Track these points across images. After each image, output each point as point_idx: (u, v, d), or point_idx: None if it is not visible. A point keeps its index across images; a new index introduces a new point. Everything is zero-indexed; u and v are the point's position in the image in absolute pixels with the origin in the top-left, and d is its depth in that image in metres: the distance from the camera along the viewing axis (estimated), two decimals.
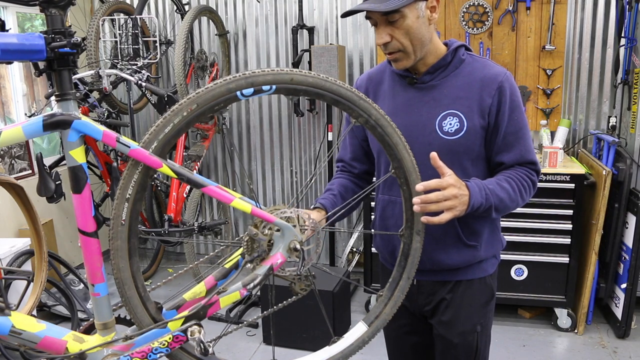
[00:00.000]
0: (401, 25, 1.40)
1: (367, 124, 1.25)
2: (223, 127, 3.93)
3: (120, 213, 1.07)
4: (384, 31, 1.42)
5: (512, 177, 1.47)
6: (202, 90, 1.08)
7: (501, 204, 1.42)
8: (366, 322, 1.38)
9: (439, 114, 1.49)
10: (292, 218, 1.23)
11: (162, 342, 1.12)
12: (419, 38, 1.43)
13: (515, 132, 1.48)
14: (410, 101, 1.53)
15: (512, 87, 1.48)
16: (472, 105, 1.47)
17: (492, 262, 1.62)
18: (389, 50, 1.45)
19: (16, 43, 1.01)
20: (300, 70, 1.15)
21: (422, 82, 1.52)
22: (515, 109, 1.47)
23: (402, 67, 1.49)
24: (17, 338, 1.11)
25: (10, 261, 2.85)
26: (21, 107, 3.63)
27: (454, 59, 1.50)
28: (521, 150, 1.49)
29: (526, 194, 1.48)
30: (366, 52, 3.76)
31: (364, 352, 1.41)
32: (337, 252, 3.90)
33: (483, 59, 1.54)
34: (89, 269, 1.14)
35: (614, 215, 3.09)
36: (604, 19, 3.37)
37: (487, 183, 1.42)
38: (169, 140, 1.08)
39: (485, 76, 1.48)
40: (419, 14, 1.41)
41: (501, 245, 1.64)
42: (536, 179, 1.51)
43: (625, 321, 3.05)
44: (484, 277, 1.59)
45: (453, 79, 1.50)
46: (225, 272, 1.33)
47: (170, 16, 4.09)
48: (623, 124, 3.41)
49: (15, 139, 1.05)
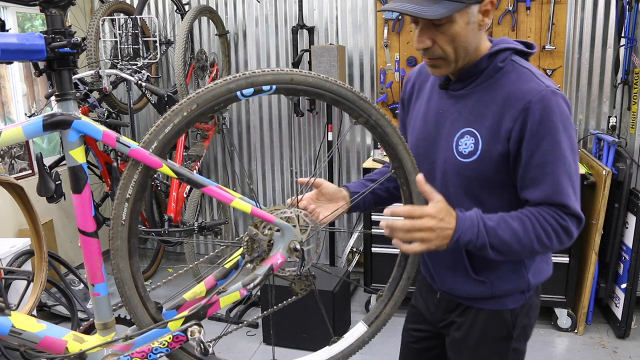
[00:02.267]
0: (447, 31, 1.21)
1: (367, 124, 1.25)
2: (223, 127, 3.93)
3: (120, 213, 1.08)
4: (425, 35, 1.23)
5: (529, 216, 1.22)
6: (202, 90, 1.08)
7: (503, 246, 1.20)
8: (366, 322, 1.38)
9: (458, 131, 1.30)
10: (292, 218, 1.23)
11: (162, 342, 1.12)
12: (465, 46, 1.24)
13: (542, 166, 1.21)
14: (440, 109, 1.36)
15: (546, 110, 1.19)
16: (491, 127, 1.25)
17: (516, 297, 1.38)
18: (429, 56, 1.27)
19: (16, 43, 1.01)
20: (301, 71, 1.15)
21: (452, 89, 1.33)
22: (545, 138, 1.19)
23: (440, 74, 1.32)
24: (17, 338, 1.11)
25: (10, 261, 2.85)
26: (21, 107, 3.62)
27: (489, 66, 1.27)
28: (549, 188, 1.21)
29: (549, 240, 1.21)
30: (366, 52, 3.76)
31: (363, 352, 1.41)
32: (337, 252, 3.90)
33: (524, 70, 1.26)
34: (89, 269, 1.14)
35: (614, 215, 3.09)
36: (604, 19, 3.36)
37: (489, 218, 1.21)
38: (169, 140, 1.08)
39: (512, 93, 1.23)
40: (470, 20, 1.21)
41: (530, 282, 1.37)
42: (569, 224, 1.21)
43: (625, 321, 3.05)
44: (499, 310, 1.38)
45: (483, 90, 1.28)
46: (225, 272, 1.33)
47: (170, 16, 4.09)
48: (623, 124, 3.41)
49: (15, 139, 1.05)
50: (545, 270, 1.42)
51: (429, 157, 1.38)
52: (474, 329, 1.41)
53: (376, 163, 3.26)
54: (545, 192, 1.21)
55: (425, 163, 1.37)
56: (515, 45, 1.29)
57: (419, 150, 1.39)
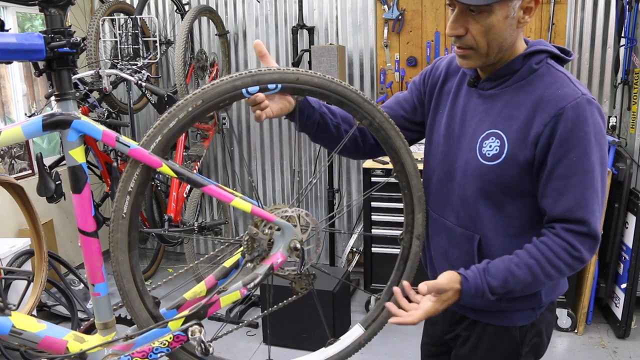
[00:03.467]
0: (483, 21, 1.14)
1: (370, 126, 1.25)
2: (223, 127, 3.93)
3: (122, 206, 1.07)
4: (460, 21, 1.17)
5: (538, 257, 1.16)
6: (207, 86, 1.08)
7: (513, 294, 1.19)
8: (363, 325, 1.37)
9: (484, 132, 1.23)
10: (293, 217, 1.23)
11: (162, 342, 1.12)
12: (499, 41, 1.17)
13: (568, 177, 1.14)
14: (467, 108, 1.29)
15: (579, 119, 1.13)
16: (520, 130, 1.18)
17: (525, 314, 1.32)
18: (460, 44, 1.20)
19: (15, 43, 1.01)
20: (306, 70, 1.15)
21: (482, 88, 1.27)
22: (575, 148, 1.13)
23: (468, 66, 1.24)
24: (18, 338, 1.11)
25: (11, 261, 2.85)
26: (21, 107, 3.62)
27: (523, 67, 1.21)
28: (571, 202, 1.14)
29: (560, 274, 1.17)
30: (366, 52, 3.76)
31: (363, 352, 1.41)
32: (337, 252, 3.90)
33: (560, 74, 1.20)
34: (89, 268, 1.14)
35: (614, 215, 3.09)
36: (604, 19, 3.36)
37: (494, 277, 1.17)
38: (173, 134, 1.08)
39: (545, 96, 1.17)
40: (509, 14, 1.15)
41: (542, 299, 1.30)
42: (583, 253, 1.15)
43: (625, 321, 3.05)
44: (507, 326, 1.32)
45: (514, 91, 1.22)
46: (225, 272, 1.33)
47: (170, 16, 4.09)
48: (623, 124, 3.41)
49: (15, 138, 1.05)
50: (561, 286, 1.36)
51: (450, 156, 1.32)
52: (481, 346, 1.36)
53: (376, 163, 3.26)
54: (567, 205, 1.15)
55: (445, 162, 1.32)
56: (552, 49, 1.23)
57: (439, 148, 1.34)
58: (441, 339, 1.49)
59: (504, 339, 1.33)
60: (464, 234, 1.29)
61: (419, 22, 3.59)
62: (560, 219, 1.17)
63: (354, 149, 1.43)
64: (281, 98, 1.23)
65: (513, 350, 1.34)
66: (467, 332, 1.38)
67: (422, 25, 3.59)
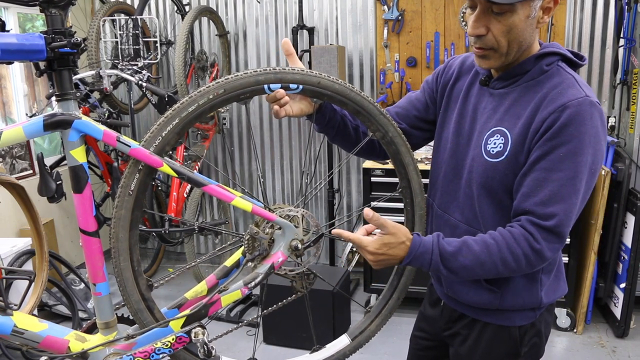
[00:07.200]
0: (505, 21, 1.15)
1: (383, 139, 1.26)
2: (223, 127, 3.93)
3: (130, 183, 1.08)
4: (482, 21, 1.17)
5: (497, 240, 1.16)
6: (231, 77, 1.09)
7: (463, 270, 1.18)
8: (350, 335, 1.37)
9: (490, 129, 1.25)
10: (296, 218, 1.24)
11: (165, 343, 1.12)
12: (519, 41, 1.18)
13: (550, 171, 1.13)
14: (477, 106, 1.30)
15: (577, 118, 1.12)
16: (523, 127, 1.19)
17: (525, 314, 1.32)
18: (480, 44, 1.20)
19: (16, 43, 1.02)
20: (329, 76, 1.17)
21: (493, 87, 1.28)
22: (565, 144, 1.12)
23: (487, 66, 1.25)
24: (20, 338, 1.11)
25: (12, 261, 2.85)
26: (22, 108, 3.63)
27: (534, 68, 1.22)
28: (546, 195, 1.13)
29: (517, 263, 1.16)
30: (366, 53, 3.76)
31: (363, 351, 1.41)
32: (337, 252, 3.91)
33: (568, 76, 1.21)
34: (90, 268, 1.15)
35: (613, 215, 3.10)
36: (603, 19, 3.37)
37: (449, 243, 1.18)
38: (190, 120, 1.08)
39: (549, 95, 1.18)
40: (530, 13, 1.15)
41: (542, 300, 1.30)
42: (543, 247, 1.14)
43: (624, 321, 3.05)
44: (506, 326, 1.33)
45: (523, 90, 1.23)
46: (226, 271, 1.34)
47: (170, 17, 4.09)
48: (622, 124, 3.41)
49: (16, 139, 1.06)
50: (561, 289, 1.36)
51: (459, 154, 1.33)
52: (480, 345, 1.36)
53: (376, 163, 3.26)
54: (541, 198, 1.13)
55: (453, 159, 1.34)
56: (565, 52, 1.24)
57: (448, 145, 1.35)
58: (438, 335, 1.49)
59: (504, 338, 1.34)
60: (468, 231, 1.29)
61: (418, 22, 3.60)
62: (528, 211, 1.16)
63: (369, 150, 1.46)
64: (302, 99, 1.27)
65: (512, 350, 1.34)
66: (466, 330, 1.38)
67: (422, 25, 3.60)
